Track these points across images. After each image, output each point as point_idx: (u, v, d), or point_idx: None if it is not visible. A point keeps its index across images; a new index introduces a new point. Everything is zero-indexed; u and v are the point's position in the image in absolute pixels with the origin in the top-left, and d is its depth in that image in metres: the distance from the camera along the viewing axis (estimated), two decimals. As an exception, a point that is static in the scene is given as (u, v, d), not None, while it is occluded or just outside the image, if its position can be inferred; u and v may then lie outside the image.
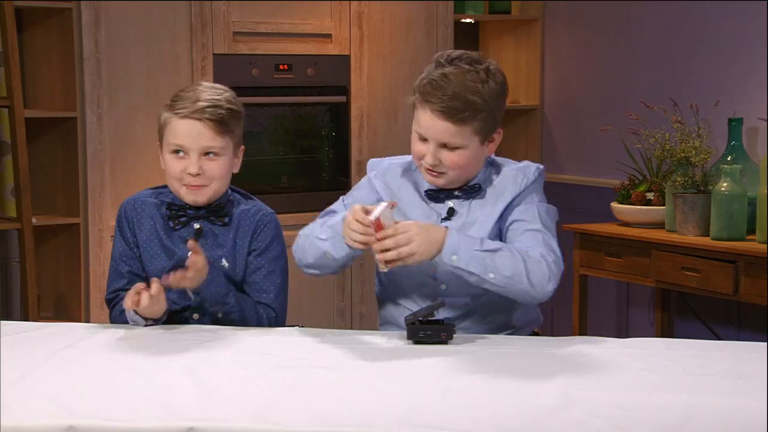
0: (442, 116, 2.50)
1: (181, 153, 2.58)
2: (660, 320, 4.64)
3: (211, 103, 2.57)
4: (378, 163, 2.75)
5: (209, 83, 2.73)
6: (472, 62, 2.54)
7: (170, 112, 2.59)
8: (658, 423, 1.86)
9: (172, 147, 2.59)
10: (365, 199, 2.63)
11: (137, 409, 1.91)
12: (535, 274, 2.44)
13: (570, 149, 5.15)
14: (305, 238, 2.62)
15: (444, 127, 2.51)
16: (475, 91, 2.50)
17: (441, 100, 2.49)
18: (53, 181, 4.28)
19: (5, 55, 3.99)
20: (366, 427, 1.84)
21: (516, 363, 2.26)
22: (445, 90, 2.49)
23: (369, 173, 2.73)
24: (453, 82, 2.50)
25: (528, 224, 2.54)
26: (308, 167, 4.72)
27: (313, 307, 4.56)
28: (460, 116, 2.50)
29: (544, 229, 2.54)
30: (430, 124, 2.52)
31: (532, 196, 2.60)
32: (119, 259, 2.66)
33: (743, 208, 3.88)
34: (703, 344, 2.49)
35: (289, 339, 2.46)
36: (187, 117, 2.57)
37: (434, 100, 2.50)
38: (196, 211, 2.63)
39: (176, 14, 4.28)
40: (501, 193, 2.60)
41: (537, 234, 2.53)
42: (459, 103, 2.49)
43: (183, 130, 2.57)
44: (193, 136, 2.57)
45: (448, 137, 2.52)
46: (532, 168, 2.63)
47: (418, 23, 4.81)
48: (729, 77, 4.40)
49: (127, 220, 2.66)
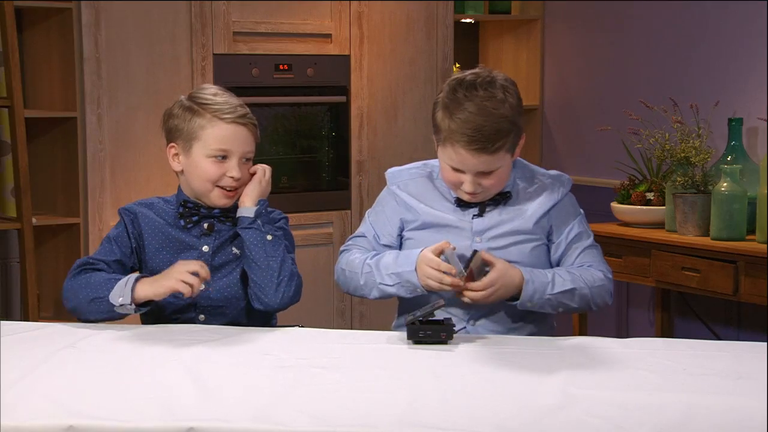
0: (477, 153, 2.53)
1: (222, 157, 2.59)
2: (660, 320, 4.64)
3: (247, 110, 2.64)
4: (397, 174, 2.77)
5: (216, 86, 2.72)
6: (487, 86, 2.55)
7: (211, 115, 2.59)
8: (658, 423, 1.86)
9: (216, 152, 2.59)
10: (392, 216, 2.71)
11: (137, 409, 1.91)
12: (599, 297, 2.64)
13: (570, 149, 5.15)
14: (357, 275, 2.66)
15: (480, 161, 2.54)
16: (501, 117, 2.53)
17: (473, 139, 2.51)
18: (53, 181, 4.28)
19: (5, 55, 3.99)
20: (366, 427, 1.84)
21: (516, 363, 2.26)
22: (473, 127, 2.51)
23: (390, 186, 2.76)
24: (478, 116, 2.51)
25: (585, 242, 2.69)
26: (308, 167, 4.72)
27: (313, 307, 4.56)
28: (493, 147, 2.53)
29: (594, 241, 2.72)
30: (466, 160, 2.55)
31: (576, 208, 2.73)
32: (114, 239, 2.66)
33: (743, 208, 3.87)
34: (703, 344, 2.49)
35: (289, 339, 2.46)
36: (233, 122, 2.60)
37: (465, 140, 2.52)
38: (209, 210, 2.65)
39: (176, 14, 4.28)
40: (537, 201, 2.67)
41: (593, 250, 2.70)
42: (491, 135, 2.51)
43: (229, 134, 2.59)
44: (239, 141, 2.60)
45: (485, 167, 2.56)
46: (564, 178, 2.74)
47: (418, 23, 4.81)
48: (729, 77, 4.40)
49: (131, 213, 2.67)
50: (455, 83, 2.57)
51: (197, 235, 2.64)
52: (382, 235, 2.73)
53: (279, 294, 2.57)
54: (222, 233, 2.65)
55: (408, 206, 2.70)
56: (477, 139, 2.51)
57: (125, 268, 2.65)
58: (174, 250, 2.64)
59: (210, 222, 2.64)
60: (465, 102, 2.53)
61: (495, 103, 2.53)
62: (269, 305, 2.58)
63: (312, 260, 4.60)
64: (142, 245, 2.66)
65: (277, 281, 2.56)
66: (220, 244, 2.64)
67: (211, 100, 2.61)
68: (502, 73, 2.63)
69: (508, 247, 2.63)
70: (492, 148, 2.52)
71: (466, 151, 2.52)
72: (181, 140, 2.63)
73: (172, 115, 2.65)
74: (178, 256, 2.62)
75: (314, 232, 4.63)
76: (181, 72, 4.29)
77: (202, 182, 2.62)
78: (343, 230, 4.69)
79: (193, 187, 2.65)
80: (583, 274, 2.62)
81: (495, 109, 2.52)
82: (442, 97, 2.58)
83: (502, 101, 2.54)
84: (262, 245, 2.57)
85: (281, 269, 2.57)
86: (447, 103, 2.56)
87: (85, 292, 2.56)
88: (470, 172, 2.56)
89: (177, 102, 2.68)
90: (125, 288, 2.51)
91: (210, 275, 2.54)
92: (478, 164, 2.54)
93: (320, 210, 4.68)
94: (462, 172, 2.57)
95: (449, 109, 2.54)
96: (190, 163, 2.63)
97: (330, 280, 4.64)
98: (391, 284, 2.59)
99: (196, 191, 2.64)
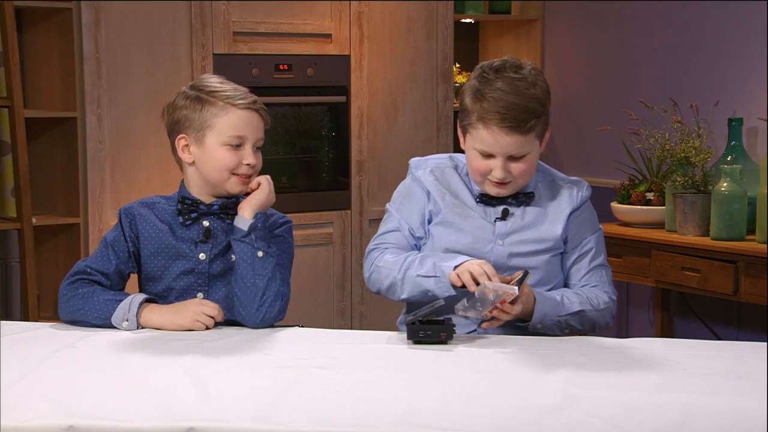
0: (509, 131, 2.51)
1: (237, 145, 2.55)
2: (660, 320, 4.64)
3: (255, 96, 2.60)
4: (424, 162, 2.73)
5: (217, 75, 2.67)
6: (516, 69, 2.55)
7: (223, 102, 2.55)
8: (658, 423, 1.86)
9: (231, 139, 2.54)
10: (421, 205, 2.67)
11: (137, 409, 1.91)
12: (602, 319, 2.65)
13: (570, 149, 5.15)
14: (394, 271, 2.58)
15: (512, 141, 2.52)
16: (532, 98, 2.52)
17: (505, 117, 2.50)
18: (53, 181, 4.28)
19: (5, 55, 3.99)
20: (366, 427, 1.84)
21: (516, 363, 2.26)
22: (505, 105, 2.50)
23: (415, 172, 2.71)
24: (510, 95, 2.51)
25: (596, 258, 2.68)
26: (308, 167, 4.72)
27: (313, 307, 4.56)
28: (526, 127, 2.52)
29: (606, 261, 2.71)
30: (498, 140, 2.53)
31: (594, 222, 2.70)
32: (112, 245, 2.60)
33: (743, 208, 3.87)
34: (703, 344, 2.49)
35: (289, 339, 2.46)
36: (247, 108, 2.57)
37: (498, 117, 2.50)
38: (209, 207, 2.59)
39: (176, 14, 4.28)
40: (557, 204, 2.66)
41: (602, 270, 2.69)
42: (523, 114, 2.51)
43: (244, 121, 2.56)
44: (253, 127, 2.57)
45: (516, 149, 2.54)
46: (584, 184, 2.72)
47: (418, 23, 4.81)
48: (729, 77, 4.40)
49: (130, 215, 2.61)
50: (484, 67, 2.57)
51: (194, 241, 2.58)
52: (417, 228, 2.68)
53: (260, 314, 2.52)
54: (219, 240, 2.58)
55: (431, 196, 2.66)
56: (510, 117, 2.49)
57: (123, 277, 2.61)
58: (169, 257, 2.59)
59: (209, 220, 2.59)
60: (496, 81, 2.52)
61: (526, 83, 2.53)
62: (248, 323, 2.53)
63: (312, 260, 4.60)
64: (138, 248, 2.61)
65: (259, 302, 2.52)
66: (218, 252, 2.58)
67: (220, 88, 2.57)
68: (534, 65, 2.63)
69: (529, 255, 2.62)
70: (525, 127, 2.51)
71: (499, 128, 2.50)
72: (192, 130, 2.56)
73: (177, 106, 2.58)
74: (173, 263, 2.58)
75: (314, 232, 4.63)
76: (181, 72, 4.29)
77: (218, 171, 2.56)
78: (343, 230, 4.69)
79: (207, 176, 2.57)
80: (590, 296, 2.62)
81: (526, 89, 2.52)
82: (471, 83, 2.56)
83: (533, 83, 2.54)
84: (251, 262, 2.52)
85: (266, 289, 2.52)
86: (476, 86, 2.54)
87: (83, 313, 2.53)
88: (501, 156, 2.54)
89: (179, 93, 2.60)
90: (129, 312, 2.49)
91: (223, 316, 2.53)
92: (510, 145, 2.52)
93: (320, 210, 4.68)
94: (492, 157, 2.55)
95: (480, 91, 2.53)
96: (203, 153, 2.56)
97: (330, 280, 4.64)
98: (430, 276, 2.50)
99: (212, 181, 2.57)
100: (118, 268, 2.59)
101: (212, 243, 2.58)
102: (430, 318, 2.42)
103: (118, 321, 2.50)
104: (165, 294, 2.59)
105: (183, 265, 2.58)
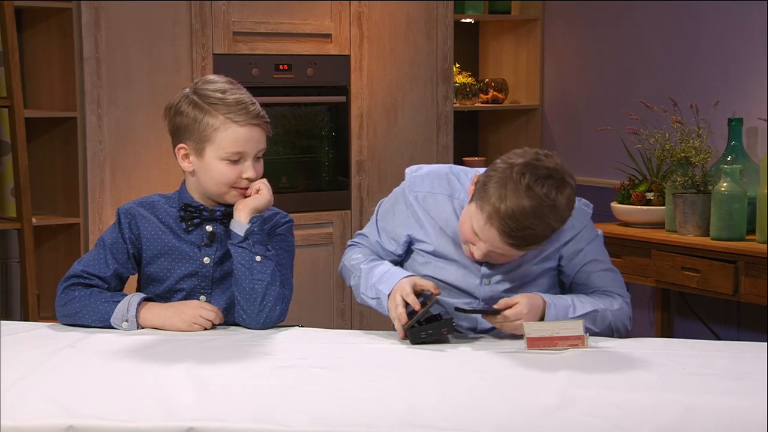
0: (510, 246, 2.41)
1: (236, 160, 2.51)
2: (660, 320, 4.64)
3: (257, 106, 2.55)
4: (419, 182, 2.61)
5: (222, 77, 2.61)
6: (550, 190, 2.36)
7: (224, 117, 2.49)
8: (658, 423, 1.86)
9: (230, 155, 2.49)
10: (402, 226, 2.62)
11: (137, 409, 1.91)
12: (619, 321, 2.57)
13: (570, 149, 5.14)
14: (354, 270, 2.64)
15: (507, 249, 2.43)
16: (549, 229, 2.40)
17: (513, 237, 2.38)
18: (53, 181, 4.28)
19: (5, 55, 3.99)
20: (366, 427, 1.84)
21: (516, 363, 2.26)
22: (520, 227, 2.36)
23: (407, 193, 2.61)
24: (530, 220, 2.35)
25: (601, 264, 2.61)
26: (308, 167, 4.72)
27: (313, 307, 4.56)
28: (527, 247, 2.44)
29: (612, 265, 2.64)
30: (494, 242, 2.41)
31: (590, 233, 2.61)
32: (110, 248, 2.57)
33: (743, 208, 3.87)
34: (703, 344, 2.49)
35: (289, 339, 2.46)
36: (247, 124, 2.50)
37: (507, 231, 2.37)
38: (211, 213, 2.57)
39: (176, 14, 4.28)
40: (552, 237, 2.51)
41: (611, 273, 2.62)
42: (530, 238, 2.40)
43: (244, 137, 2.50)
44: (253, 142, 2.52)
45: (507, 254, 2.47)
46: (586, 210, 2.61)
47: (418, 23, 4.81)
48: (729, 77, 4.40)
49: (129, 216, 2.58)
50: (521, 169, 2.37)
51: (198, 244, 2.56)
52: (387, 241, 2.65)
53: (261, 318, 2.51)
54: (223, 243, 2.56)
55: (421, 224, 2.59)
56: (516, 237, 2.38)
57: (122, 280, 2.60)
58: (173, 259, 2.57)
59: (212, 226, 2.56)
60: (524, 198, 2.35)
61: (551, 212, 2.37)
62: (250, 327, 2.53)
63: (312, 260, 4.60)
64: (139, 249, 2.58)
65: (260, 306, 2.51)
66: (222, 255, 2.56)
67: (222, 99, 2.50)
68: (570, 176, 2.44)
69: (516, 289, 2.56)
70: (524, 247, 2.44)
71: (501, 235, 2.39)
72: (191, 141, 2.52)
73: (179, 112, 2.52)
74: (176, 265, 2.56)
75: (314, 232, 4.63)
76: (181, 72, 4.29)
77: (216, 185, 2.52)
78: (343, 230, 4.69)
79: (206, 188, 2.55)
80: (602, 297, 2.57)
81: (548, 220, 2.37)
82: (502, 169, 2.39)
83: (558, 213, 2.38)
84: (249, 267, 2.51)
85: (266, 293, 2.50)
86: (504, 180, 2.37)
87: (81, 316, 2.52)
88: (489, 250, 2.45)
89: (182, 96, 2.54)
90: (128, 313, 2.49)
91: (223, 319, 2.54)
92: (503, 250, 2.44)
93: (320, 210, 4.68)
94: (479, 238, 2.45)
95: (506, 187, 2.36)
96: (202, 165, 2.52)
97: (330, 280, 4.64)
98: (372, 298, 2.55)
99: (210, 193, 2.55)
100: (116, 272, 2.57)
101: (216, 247, 2.57)
102: (427, 317, 2.42)
103: (117, 322, 2.50)
104: (167, 296, 2.58)
105: (186, 268, 2.57)
